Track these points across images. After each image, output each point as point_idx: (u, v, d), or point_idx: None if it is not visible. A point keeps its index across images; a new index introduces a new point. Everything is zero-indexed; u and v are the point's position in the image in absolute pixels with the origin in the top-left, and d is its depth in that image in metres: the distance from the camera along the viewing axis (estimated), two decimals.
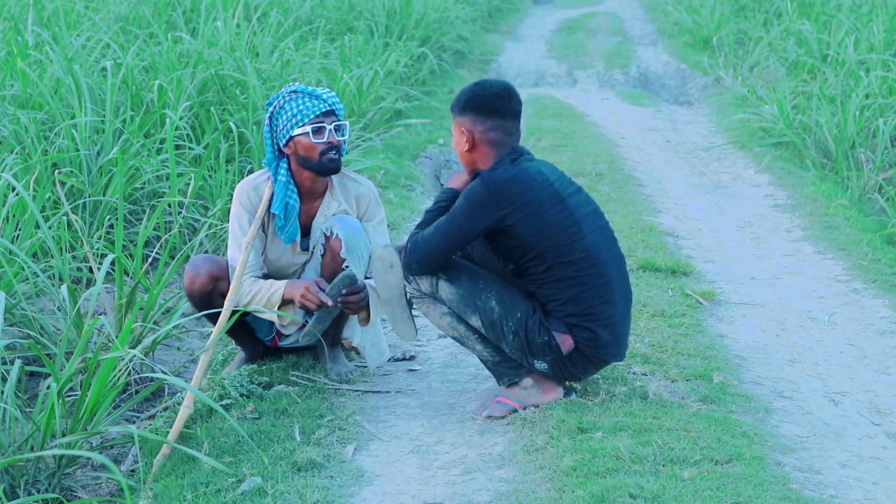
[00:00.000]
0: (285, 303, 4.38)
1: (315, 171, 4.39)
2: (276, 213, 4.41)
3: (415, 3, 12.09)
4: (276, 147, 4.43)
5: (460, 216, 4.00)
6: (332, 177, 4.51)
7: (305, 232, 4.52)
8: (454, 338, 4.19)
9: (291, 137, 4.36)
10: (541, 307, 4.07)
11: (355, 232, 4.41)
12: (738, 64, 12.06)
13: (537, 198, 3.99)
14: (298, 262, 4.55)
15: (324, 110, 4.37)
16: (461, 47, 13.22)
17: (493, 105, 4.08)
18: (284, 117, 4.37)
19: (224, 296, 4.34)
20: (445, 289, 4.10)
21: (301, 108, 4.35)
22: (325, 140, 4.35)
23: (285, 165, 4.43)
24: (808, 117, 8.89)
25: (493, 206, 3.97)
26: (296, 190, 4.44)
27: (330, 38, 10.77)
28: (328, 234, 4.41)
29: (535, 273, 4.05)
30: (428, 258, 4.07)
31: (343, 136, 4.41)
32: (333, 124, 4.37)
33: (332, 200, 4.50)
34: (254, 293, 4.38)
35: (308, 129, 4.33)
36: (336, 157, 4.38)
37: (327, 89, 4.46)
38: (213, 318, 4.41)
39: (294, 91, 4.40)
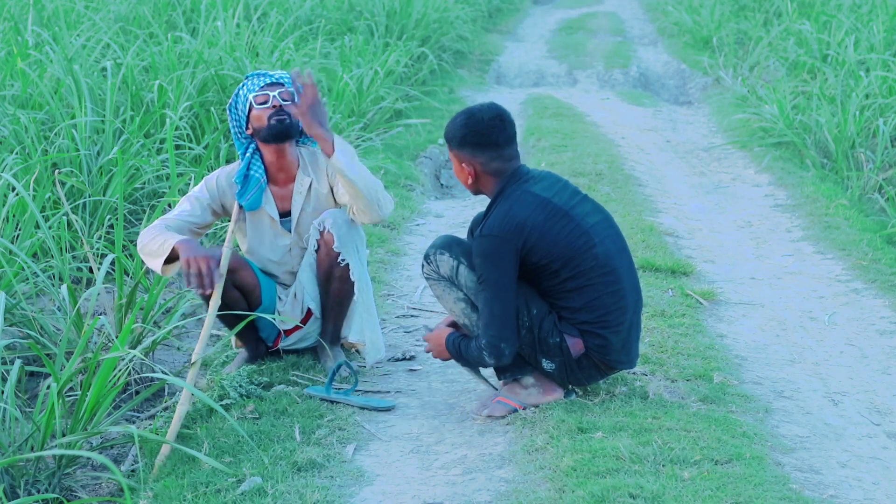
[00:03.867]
0: (172, 260, 4.31)
1: (269, 139, 4.46)
2: (236, 181, 4.49)
3: (415, 3, 12.09)
4: (242, 137, 4.55)
5: (493, 275, 3.99)
6: (303, 155, 4.58)
7: (286, 214, 4.57)
8: (464, 325, 4.19)
9: (248, 118, 4.49)
10: (556, 311, 4.09)
11: (346, 225, 4.46)
12: (738, 64, 12.05)
13: (537, 220, 4.00)
14: (282, 244, 4.56)
15: (268, 83, 4.48)
16: (461, 47, 13.22)
17: (488, 138, 4.07)
18: (239, 102, 4.52)
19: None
20: (465, 274, 4.09)
21: (249, 87, 4.50)
22: (268, 105, 4.43)
23: (253, 146, 4.54)
24: (808, 117, 8.89)
25: (509, 245, 3.98)
26: (262, 165, 4.52)
27: (330, 38, 10.77)
28: (321, 230, 4.44)
29: (550, 285, 4.07)
30: (503, 327, 4.01)
31: (291, 103, 4.44)
32: (277, 92, 4.45)
33: (304, 176, 4.56)
34: (152, 237, 4.34)
35: (252, 100, 4.45)
36: (284, 118, 4.42)
37: (280, 71, 4.59)
38: (225, 318, 4.43)
39: (247, 76, 4.56)
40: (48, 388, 3.93)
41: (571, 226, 4.03)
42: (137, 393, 4.75)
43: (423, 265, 4.20)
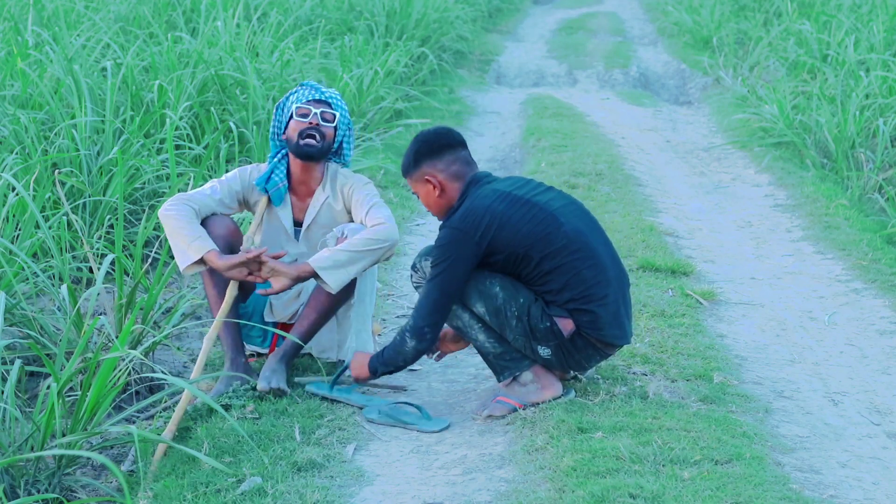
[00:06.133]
0: (199, 262, 4.35)
1: (295, 154, 4.53)
2: (256, 184, 4.56)
3: (415, 3, 12.09)
4: (277, 138, 4.63)
5: (444, 264, 4.06)
6: (328, 170, 4.62)
7: (298, 224, 4.63)
8: (456, 328, 4.20)
9: (286, 124, 4.56)
10: (541, 298, 4.10)
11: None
12: (738, 64, 12.05)
13: (497, 210, 4.06)
14: (291, 251, 4.58)
15: (314, 98, 4.54)
16: (461, 47, 13.21)
17: (440, 142, 4.21)
18: (286, 107, 4.58)
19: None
20: None
21: (298, 95, 4.56)
22: (306, 121, 4.49)
23: (283, 153, 4.62)
24: (808, 117, 8.89)
25: (466, 238, 4.04)
26: (285, 171, 4.59)
27: (330, 38, 10.77)
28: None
29: (527, 273, 4.09)
30: (434, 314, 4.08)
31: (332, 125, 4.53)
32: (321, 110, 4.51)
33: (322, 193, 4.61)
34: (184, 223, 4.35)
35: (293, 109, 4.51)
36: (314, 142, 4.48)
37: (333, 89, 4.63)
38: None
39: (301, 84, 4.62)
40: (48, 388, 3.93)
41: (535, 210, 4.09)
42: (138, 393, 4.75)
43: (410, 275, 4.28)
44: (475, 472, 3.78)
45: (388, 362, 4.20)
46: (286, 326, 4.67)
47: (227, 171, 6.54)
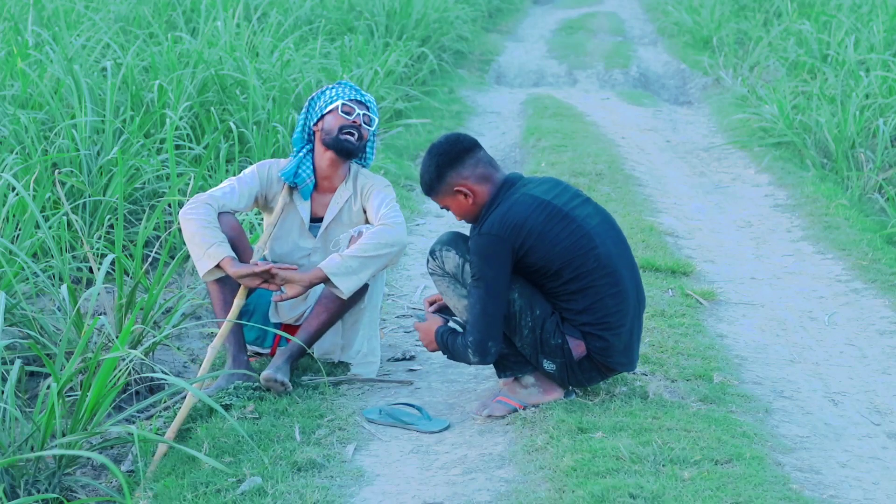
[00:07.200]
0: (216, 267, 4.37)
1: (332, 147, 4.54)
2: (281, 175, 4.58)
3: (415, 3, 12.09)
4: (306, 130, 4.64)
5: (488, 273, 3.99)
6: (351, 171, 4.65)
7: (316, 220, 4.64)
8: (466, 321, 4.18)
9: (323, 116, 4.58)
10: (559, 313, 4.08)
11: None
12: (738, 64, 12.05)
13: (537, 221, 3.99)
14: (305, 246, 4.59)
15: (357, 98, 4.59)
16: (461, 47, 13.21)
17: (457, 148, 4.13)
18: (322, 99, 4.62)
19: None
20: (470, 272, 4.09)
21: (340, 91, 4.61)
22: (350, 118, 4.55)
23: (309, 147, 4.64)
24: (808, 117, 8.89)
25: (504, 245, 3.98)
26: (311, 168, 4.61)
27: (330, 38, 10.77)
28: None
29: (552, 287, 4.06)
30: (492, 326, 4.01)
31: (370, 129, 4.59)
32: (363, 112, 4.58)
33: (345, 189, 4.63)
34: (202, 226, 4.37)
35: (338, 104, 4.55)
36: (353, 138, 4.54)
37: (369, 94, 4.68)
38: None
39: (339, 83, 4.67)
40: (48, 388, 3.93)
41: (573, 227, 4.02)
42: (138, 393, 4.76)
43: (428, 260, 4.20)
44: (475, 472, 3.78)
45: (454, 356, 4.15)
46: (291, 328, 4.67)
47: (226, 172, 6.57)
